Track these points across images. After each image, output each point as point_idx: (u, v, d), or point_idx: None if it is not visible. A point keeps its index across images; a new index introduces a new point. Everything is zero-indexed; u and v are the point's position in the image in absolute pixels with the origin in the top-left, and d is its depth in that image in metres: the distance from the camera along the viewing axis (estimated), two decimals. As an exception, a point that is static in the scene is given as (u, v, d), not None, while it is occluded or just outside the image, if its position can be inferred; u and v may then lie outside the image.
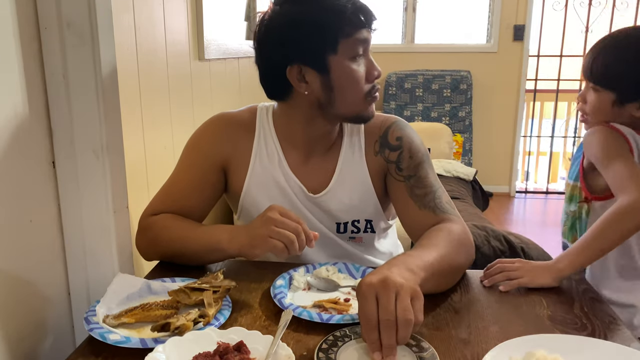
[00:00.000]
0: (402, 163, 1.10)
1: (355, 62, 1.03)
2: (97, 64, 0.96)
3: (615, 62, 1.16)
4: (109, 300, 0.87)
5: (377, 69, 1.06)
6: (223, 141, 1.14)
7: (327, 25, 1.00)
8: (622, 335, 0.84)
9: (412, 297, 0.74)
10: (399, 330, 0.72)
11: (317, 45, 1.01)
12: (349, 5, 1.01)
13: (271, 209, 0.96)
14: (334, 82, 1.03)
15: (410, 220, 1.10)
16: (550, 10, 4.35)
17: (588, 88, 1.22)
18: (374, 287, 0.74)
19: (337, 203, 1.13)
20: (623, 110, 1.18)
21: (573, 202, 1.28)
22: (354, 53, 1.02)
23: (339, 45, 1.01)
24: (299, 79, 1.04)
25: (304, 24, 1.01)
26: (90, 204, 1.01)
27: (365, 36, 1.03)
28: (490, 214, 4.01)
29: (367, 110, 1.08)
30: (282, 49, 1.03)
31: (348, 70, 1.03)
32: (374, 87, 1.07)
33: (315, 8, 1.01)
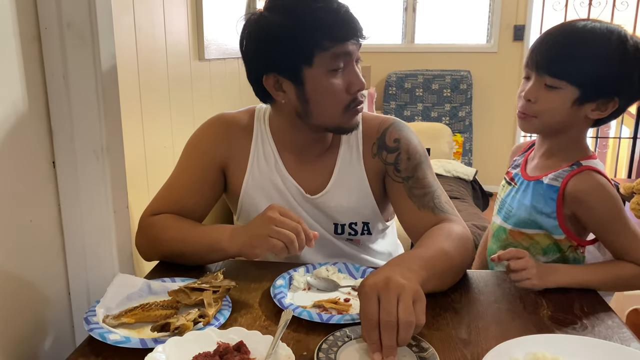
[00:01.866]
0: (400, 164, 1.10)
1: (334, 75, 1.00)
2: (97, 64, 0.96)
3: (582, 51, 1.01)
4: (109, 300, 0.87)
5: (359, 81, 1.02)
6: (222, 142, 1.14)
7: (303, 38, 0.98)
8: (622, 335, 0.84)
9: (415, 299, 0.74)
10: (400, 331, 0.71)
11: (292, 57, 1.00)
12: (328, 17, 0.97)
13: (271, 209, 0.96)
14: (309, 94, 1.02)
15: (410, 221, 1.10)
16: (550, 10, 4.35)
17: (541, 84, 1.03)
18: (376, 287, 0.74)
19: (335, 204, 1.13)
20: (580, 111, 1.03)
21: (550, 254, 1.10)
22: (332, 67, 1.00)
23: (314, 59, 0.99)
24: (276, 88, 1.04)
25: (281, 34, 0.99)
26: (90, 204, 1.01)
27: (346, 49, 0.99)
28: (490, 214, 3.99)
29: (349, 122, 1.06)
30: (260, 57, 1.03)
31: (323, 83, 1.01)
32: (354, 100, 1.03)
33: (293, 19, 0.98)
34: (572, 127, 1.07)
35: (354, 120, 1.06)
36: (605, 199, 1.02)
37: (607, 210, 1.02)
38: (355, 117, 1.06)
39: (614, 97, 1.02)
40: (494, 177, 4.57)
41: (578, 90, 1.01)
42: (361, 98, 1.05)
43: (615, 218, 1.02)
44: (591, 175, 1.04)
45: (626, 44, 0.99)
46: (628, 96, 1.03)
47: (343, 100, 1.02)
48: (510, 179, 1.18)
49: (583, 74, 1.01)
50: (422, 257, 0.88)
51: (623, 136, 4.63)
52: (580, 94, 1.02)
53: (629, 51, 0.99)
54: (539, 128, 1.09)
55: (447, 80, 4.36)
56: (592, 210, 1.03)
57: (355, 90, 1.02)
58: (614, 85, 1.01)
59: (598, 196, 1.02)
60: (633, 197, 2.91)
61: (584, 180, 1.03)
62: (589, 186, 1.03)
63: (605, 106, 1.03)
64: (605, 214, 1.02)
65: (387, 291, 0.73)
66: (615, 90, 1.02)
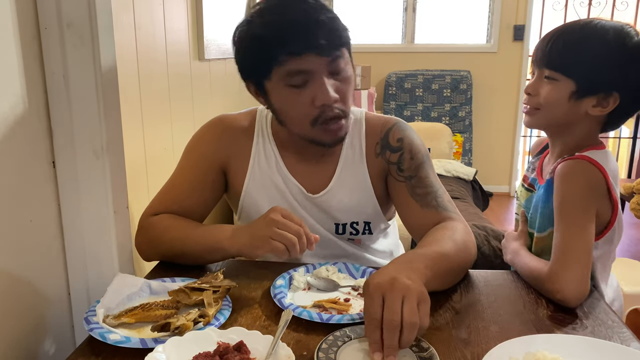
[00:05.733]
0: (403, 164, 1.10)
1: (295, 89, 0.98)
2: (97, 64, 0.96)
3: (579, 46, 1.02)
4: (109, 300, 0.87)
5: (325, 95, 0.97)
6: (223, 143, 1.14)
7: (261, 51, 0.98)
8: (622, 335, 0.84)
9: (419, 301, 0.74)
10: (403, 332, 0.71)
11: (254, 69, 1.02)
12: (284, 33, 0.95)
13: (273, 211, 0.96)
14: (274, 105, 1.04)
15: (412, 220, 1.10)
16: (550, 10, 4.36)
17: (541, 78, 1.06)
18: (381, 287, 0.74)
19: (336, 203, 1.13)
20: (579, 106, 1.03)
21: None
22: (289, 82, 0.98)
23: (272, 73, 0.98)
24: (257, 94, 1.06)
25: (245, 45, 1.01)
26: (90, 204, 1.01)
27: (305, 65, 0.96)
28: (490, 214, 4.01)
29: (323, 136, 1.03)
30: (237, 64, 1.05)
31: (284, 97, 1.00)
32: (322, 114, 0.99)
33: (256, 31, 0.99)
34: (575, 125, 1.06)
35: (329, 136, 1.03)
36: (567, 184, 1.00)
37: (561, 196, 1.00)
38: (330, 134, 1.02)
39: (612, 92, 1.01)
40: (494, 177, 4.58)
41: (574, 83, 1.02)
42: (331, 113, 1.00)
43: (563, 207, 0.99)
44: (573, 161, 1.02)
45: (624, 40, 0.99)
46: (628, 92, 1.01)
47: (307, 114, 1.00)
48: (529, 185, 1.15)
49: (577, 67, 1.01)
50: (427, 256, 0.88)
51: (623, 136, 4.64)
52: (576, 87, 1.02)
53: (626, 46, 0.99)
54: (542, 123, 1.09)
55: (447, 80, 4.36)
56: (555, 192, 1.01)
57: (320, 104, 0.98)
58: (609, 79, 1.00)
59: (563, 179, 1.00)
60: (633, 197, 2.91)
61: (564, 165, 1.02)
62: (562, 169, 1.01)
63: (606, 101, 1.02)
64: (558, 198, 1.00)
65: (392, 291, 0.73)
66: (612, 85, 1.01)
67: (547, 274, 0.96)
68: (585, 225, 0.97)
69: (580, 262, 0.94)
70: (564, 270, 0.94)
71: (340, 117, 1.02)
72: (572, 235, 0.96)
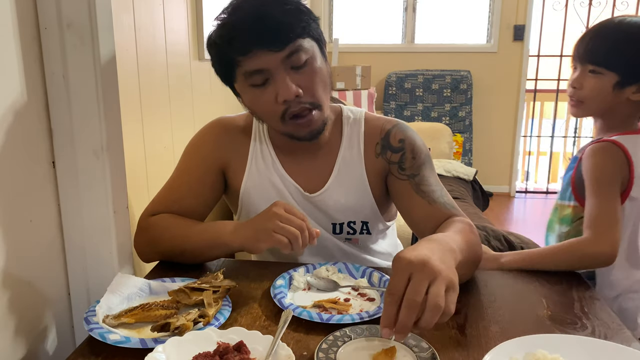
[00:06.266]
0: (404, 163, 1.10)
1: (258, 87, 0.99)
2: (97, 64, 0.96)
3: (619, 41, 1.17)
4: (109, 300, 0.87)
5: (285, 90, 0.96)
6: (222, 145, 1.15)
7: (221, 54, 1.00)
8: (622, 335, 0.84)
9: (448, 287, 0.70)
10: (425, 314, 0.68)
11: (222, 73, 1.05)
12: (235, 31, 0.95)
13: (276, 205, 0.96)
14: (247, 105, 1.07)
15: (419, 217, 1.08)
16: (550, 10, 4.36)
17: (585, 72, 1.20)
18: (411, 265, 0.70)
19: (333, 202, 1.13)
20: (621, 94, 1.18)
21: (565, 224, 1.24)
22: (249, 82, 0.99)
23: (235, 74, 1.01)
24: (236, 95, 1.09)
25: (210, 51, 1.03)
26: (90, 204, 1.01)
27: (259, 64, 0.96)
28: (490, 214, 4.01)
29: (296, 131, 1.03)
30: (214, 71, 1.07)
31: (250, 96, 1.03)
32: (287, 110, 0.99)
33: (215, 35, 1.00)
34: (617, 110, 1.20)
35: (301, 130, 1.03)
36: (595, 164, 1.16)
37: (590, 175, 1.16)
38: (302, 128, 1.02)
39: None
40: (494, 177, 4.58)
41: (617, 75, 1.17)
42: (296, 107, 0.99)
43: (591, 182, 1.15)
44: (602, 144, 1.18)
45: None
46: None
47: (274, 110, 1.00)
48: None
49: (619, 60, 1.16)
50: (457, 241, 0.86)
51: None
52: (619, 78, 1.17)
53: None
54: (587, 112, 1.25)
55: (447, 80, 4.36)
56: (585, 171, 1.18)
57: (282, 100, 0.97)
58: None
59: (591, 160, 1.17)
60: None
61: (593, 147, 1.18)
62: (591, 150, 1.18)
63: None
64: (588, 176, 1.16)
65: (422, 272, 0.69)
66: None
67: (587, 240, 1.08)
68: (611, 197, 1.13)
69: (613, 226, 1.09)
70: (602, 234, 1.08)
71: (309, 110, 1.01)
72: (601, 205, 1.11)
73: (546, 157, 4.87)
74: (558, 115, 4.62)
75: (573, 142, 4.72)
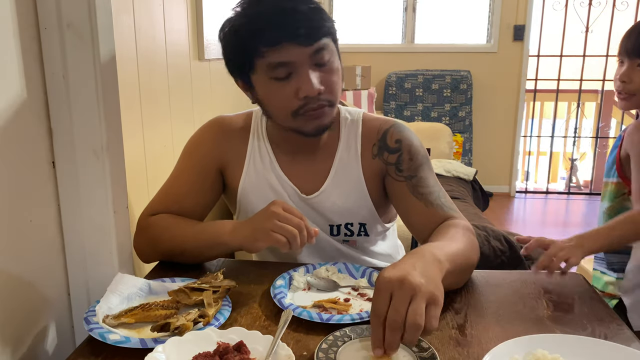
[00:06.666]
0: (402, 164, 1.10)
1: (278, 81, 0.98)
2: (97, 64, 0.96)
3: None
4: (109, 300, 0.87)
5: (308, 86, 0.96)
6: (220, 144, 1.15)
7: (242, 45, 0.98)
8: (622, 335, 0.84)
9: (429, 302, 0.71)
10: (406, 333, 0.69)
11: (238, 64, 1.03)
12: (262, 23, 0.95)
13: (274, 204, 0.96)
14: (260, 98, 1.04)
15: (416, 220, 1.08)
16: (550, 10, 4.35)
17: (633, 66, 1.25)
18: (390, 284, 0.71)
19: (330, 204, 1.13)
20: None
21: (606, 199, 1.34)
22: (271, 74, 0.98)
23: (255, 65, 0.99)
24: (245, 89, 1.07)
25: (228, 41, 1.02)
26: (90, 204, 1.01)
27: (286, 56, 0.95)
28: (490, 214, 4.01)
29: (305, 126, 1.02)
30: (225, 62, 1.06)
31: (268, 89, 1.01)
32: (305, 105, 0.99)
33: (235, 25, 0.99)
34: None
35: (310, 125, 1.02)
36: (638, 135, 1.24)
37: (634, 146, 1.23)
38: (312, 122, 1.02)
39: None
40: (494, 177, 4.58)
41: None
42: (314, 104, 0.99)
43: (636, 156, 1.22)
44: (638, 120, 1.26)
45: None
46: None
47: (289, 105, 0.99)
48: None
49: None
50: (446, 250, 0.86)
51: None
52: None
53: None
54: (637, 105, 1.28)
55: (447, 80, 4.36)
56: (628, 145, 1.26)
57: (304, 95, 0.97)
58: None
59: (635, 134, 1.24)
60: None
61: (636, 122, 1.26)
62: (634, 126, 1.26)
63: None
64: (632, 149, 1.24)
65: (401, 290, 0.71)
66: None
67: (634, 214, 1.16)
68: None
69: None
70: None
71: (324, 107, 1.01)
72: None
73: (546, 157, 4.87)
74: (558, 115, 4.62)
75: (573, 142, 4.72)
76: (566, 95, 4.62)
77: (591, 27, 4.32)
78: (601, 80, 4.47)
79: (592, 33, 4.33)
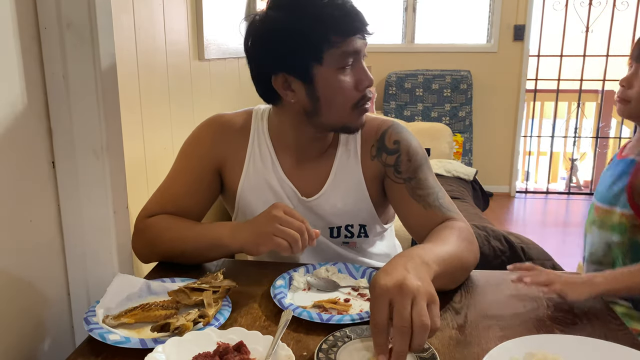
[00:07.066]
0: (400, 166, 1.09)
1: (343, 72, 0.99)
2: (97, 64, 0.96)
3: None
4: (109, 301, 0.87)
5: (368, 77, 1.01)
6: (218, 143, 1.14)
7: (311, 34, 0.96)
8: (622, 335, 0.84)
9: (429, 302, 0.71)
10: (414, 336, 0.68)
11: (301, 56, 0.98)
12: (335, 12, 0.96)
13: (275, 207, 0.96)
14: (319, 92, 1.01)
15: (415, 222, 1.08)
16: (550, 10, 4.35)
17: (637, 72, 1.14)
18: (389, 292, 0.70)
19: (330, 207, 1.12)
20: None
21: (616, 232, 1.16)
22: (341, 64, 0.98)
23: (324, 56, 0.97)
24: (285, 87, 1.02)
25: (288, 33, 0.98)
26: (90, 204, 1.01)
27: (354, 46, 0.98)
28: (491, 214, 4.01)
29: (356, 121, 1.05)
30: (267, 57, 1.02)
31: (334, 81, 0.99)
32: (364, 97, 1.02)
33: (299, 16, 0.97)
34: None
35: (361, 119, 1.05)
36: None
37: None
38: (362, 116, 1.05)
39: None
40: (494, 177, 4.58)
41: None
42: (370, 94, 1.04)
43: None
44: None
45: None
46: None
47: (352, 97, 1.01)
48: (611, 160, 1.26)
49: None
50: (436, 252, 0.86)
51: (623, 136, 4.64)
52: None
53: None
54: (633, 113, 1.17)
55: (447, 80, 4.36)
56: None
57: (364, 87, 1.01)
58: None
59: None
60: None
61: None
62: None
63: None
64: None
65: (401, 296, 0.70)
66: None
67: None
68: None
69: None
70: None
71: (370, 100, 1.05)
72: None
73: (546, 157, 4.87)
74: (558, 115, 4.62)
75: (573, 142, 4.71)
76: (566, 95, 4.62)
77: (591, 27, 4.32)
78: (601, 80, 4.47)
79: (592, 33, 4.32)
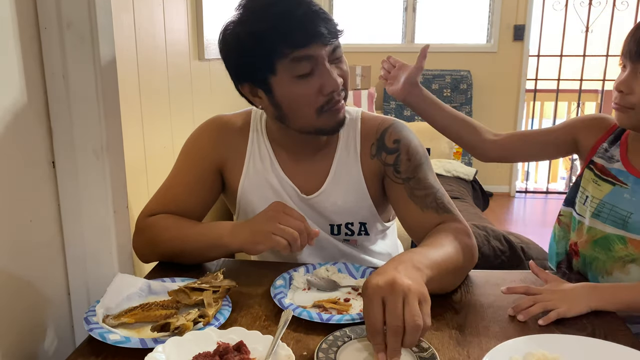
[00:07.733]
0: (400, 166, 1.09)
1: (303, 79, 0.97)
2: (97, 64, 0.96)
3: None
4: (109, 300, 0.87)
5: (331, 81, 0.97)
6: (219, 144, 1.14)
7: (260, 47, 0.96)
8: (622, 335, 0.84)
9: (420, 301, 0.72)
10: (406, 335, 0.70)
11: (256, 68, 0.98)
12: (282, 24, 0.94)
13: (275, 206, 0.97)
14: (279, 101, 1.01)
15: (412, 222, 1.08)
16: (550, 10, 4.35)
17: (636, 73, 0.96)
18: (380, 290, 0.72)
19: (330, 204, 1.12)
20: None
21: None
22: (298, 72, 0.96)
23: (276, 67, 0.96)
24: (252, 95, 1.04)
25: (241, 46, 0.99)
26: (90, 204, 1.01)
27: (310, 53, 0.95)
28: (490, 214, 4.01)
29: (327, 123, 1.02)
30: (230, 68, 1.04)
31: (292, 89, 0.98)
32: (330, 101, 0.99)
33: (249, 30, 0.97)
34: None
35: (333, 120, 1.02)
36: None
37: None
38: (334, 117, 1.02)
39: None
40: (494, 177, 4.58)
41: None
42: (338, 97, 1.00)
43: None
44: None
45: None
46: None
47: (315, 102, 0.99)
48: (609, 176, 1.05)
49: None
50: (427, 256, 0.87)
51: (623, 136, 4.63)
52: None
53: None
54: (638, 123, 1.00)
55: (447, 80, 4.36)
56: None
57: (329, 91, 0.98)
58: None
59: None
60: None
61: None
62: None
63: None
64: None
65: (393, 294, 0.71)
66: None
67: None
68: None
69: None
70: None
71: (340, 101, 1.02)
72: None
73: (546, 157, 4.86)
74: (558, 115, 4.62)
75: (573, 142, 4.71)
76: (566, 95, 4.62)
77: (591, 27, 4.32)
78: (601, 80, 4.47)
79: (592, 33, 4.32)
